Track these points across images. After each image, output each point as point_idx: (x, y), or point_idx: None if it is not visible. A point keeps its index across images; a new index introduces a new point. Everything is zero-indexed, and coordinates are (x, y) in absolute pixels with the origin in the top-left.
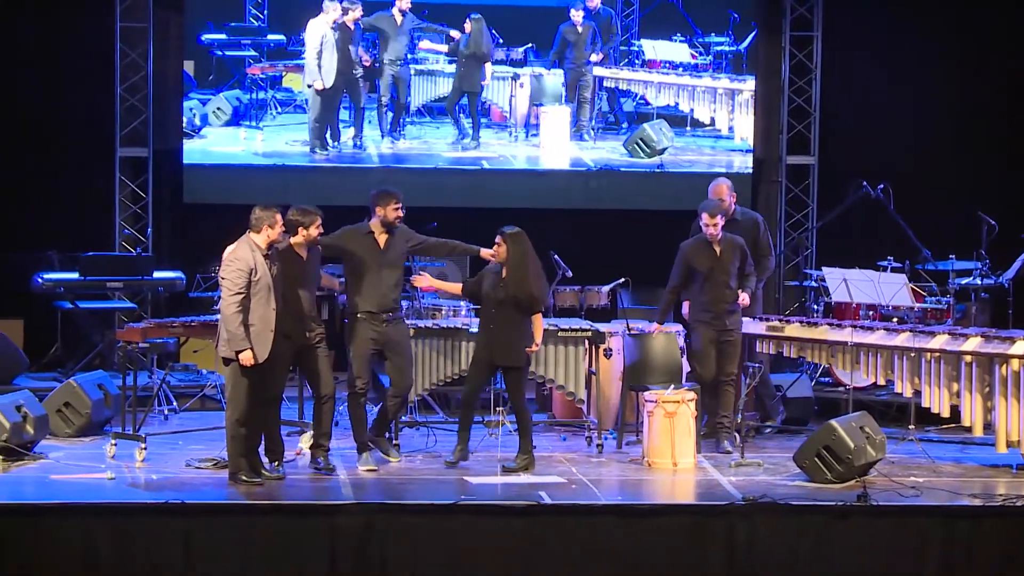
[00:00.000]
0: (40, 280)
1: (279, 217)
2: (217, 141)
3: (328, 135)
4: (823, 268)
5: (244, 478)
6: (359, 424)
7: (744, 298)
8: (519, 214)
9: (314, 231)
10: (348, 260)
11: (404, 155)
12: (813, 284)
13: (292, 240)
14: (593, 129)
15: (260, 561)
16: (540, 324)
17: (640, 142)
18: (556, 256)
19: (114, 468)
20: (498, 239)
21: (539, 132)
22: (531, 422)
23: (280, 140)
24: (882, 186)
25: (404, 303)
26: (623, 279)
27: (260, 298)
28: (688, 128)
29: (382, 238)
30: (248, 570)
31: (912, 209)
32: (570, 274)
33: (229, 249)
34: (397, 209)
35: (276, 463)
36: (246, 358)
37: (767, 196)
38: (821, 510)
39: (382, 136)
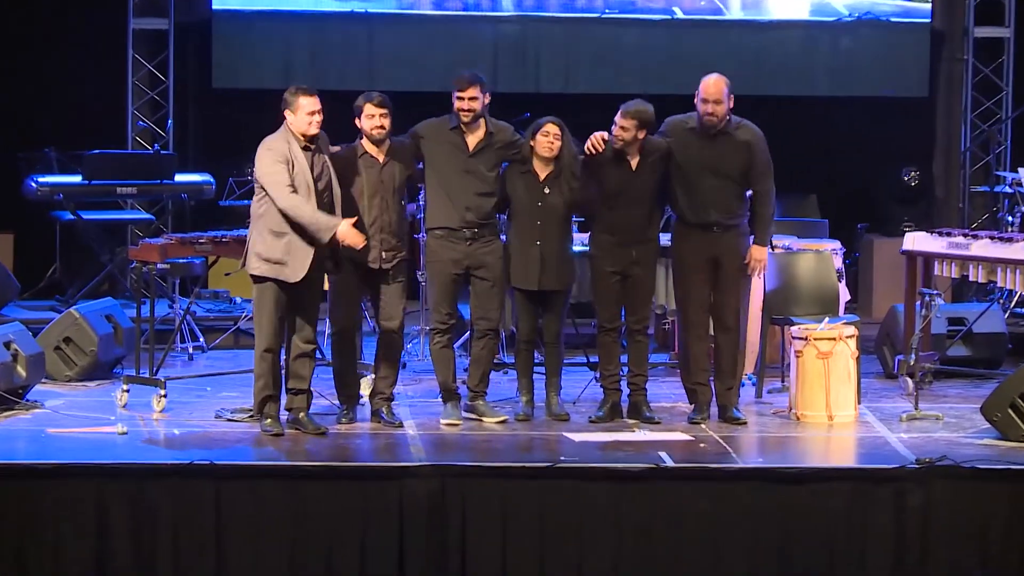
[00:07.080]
0: (34, 184)
1: (302, 100)
2: None
3: None
4: (1020, 169)
5: (264, 427)
6: (440, 367)
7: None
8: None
9: (366, 122)
10: (427, 162)
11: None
12: (1008, 189)
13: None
14: None
15: (309, 536)
16: None
17: None
18: None
19: (127, 420)
20: (553, 129)
21: None
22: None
23: None
24: None
25: (501, 217)
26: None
27: None
28: None
29: (472, 137)
30: (294, 546)
31: None
32: None
33: None
34: (461, 99)
35: (347, 408)
36: (345, 233)
37: (949, 78)
38: (1015, 475)
39: None
